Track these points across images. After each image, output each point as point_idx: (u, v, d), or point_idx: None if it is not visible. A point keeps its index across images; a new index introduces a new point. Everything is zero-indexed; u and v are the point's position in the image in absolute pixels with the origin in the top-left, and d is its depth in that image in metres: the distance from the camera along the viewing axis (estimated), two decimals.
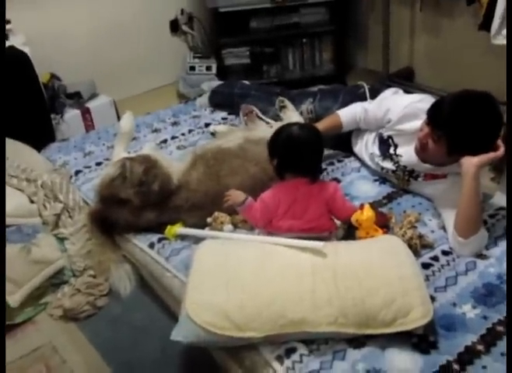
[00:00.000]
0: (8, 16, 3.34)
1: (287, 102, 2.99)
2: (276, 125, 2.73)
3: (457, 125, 2.09)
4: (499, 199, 2.47)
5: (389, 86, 3.48)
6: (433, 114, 2.18)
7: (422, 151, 2.31)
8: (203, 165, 2.49)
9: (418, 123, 2.29)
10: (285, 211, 2.11)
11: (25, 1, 3.69)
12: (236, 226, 2.37)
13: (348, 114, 2.70)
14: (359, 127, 2.72)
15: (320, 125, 2.62)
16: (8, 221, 2.45)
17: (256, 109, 3.06)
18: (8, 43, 3.32)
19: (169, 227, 2.35)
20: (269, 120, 3.00)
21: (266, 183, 2.33)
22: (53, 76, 3.86)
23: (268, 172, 2.32)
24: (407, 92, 2.85)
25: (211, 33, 4.61)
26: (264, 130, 2.76)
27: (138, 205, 2.40)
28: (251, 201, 2.18)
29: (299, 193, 2.11)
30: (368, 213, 2.15)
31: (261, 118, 2.99)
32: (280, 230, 2.10)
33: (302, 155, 2.10)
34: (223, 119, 3.39)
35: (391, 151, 2.53)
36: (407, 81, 4.18)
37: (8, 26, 3.41)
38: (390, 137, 2.54)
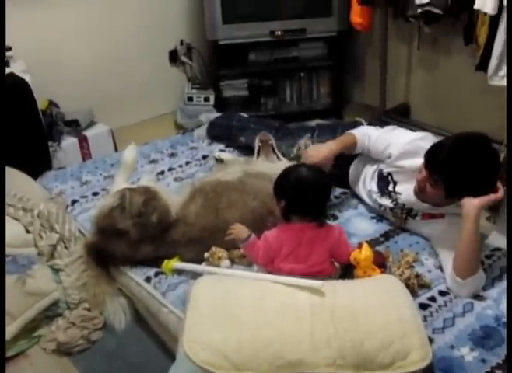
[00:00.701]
0: (8, 43, 3.35)
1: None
2: (284, 163, 2.74)
3: (454, 170, 2.10)
4: (495, 239, 2.48)
5: (385, 122, 3.54)
6: (430, 158, 2.19)
7: (420, 193, 2.33)
8: (201, 198, 2.49)
9: (418, 161, 2.30)
10: (287, 254, 2.11)
11: (26, 28, 3.71)
12: (233, 262, 2.36)
13: (361, 135, 2.67)
14: (363, 151, 2.71)
15: (337, 144, 2.62)
16: None
17: (273, 140, 2.96)
18: (8, 70, 3.33)
19: (166, 261, 2.35)
20: (281, 156, 2.95)
21: (266, 218, 2.34)
22: (51, 103, 3.87)
23: (268, 206, 2.32)
24: (405, 128, 2.88)
25: (209, 65, 4.65)
26: (264, 164, 2.78)
27: (136, 237, 2.39)
28: (254, 238, 2.18)
29: (304, 238, 2.10)
30: (366, 252, 2.16)
31: (274, 151, 2.94)
32: (281, 272, 2.10)
33: (311, 199, 2.10)
34: (221, 151, 3.40)
35: (390, 188, 2.55)
36: (403, 117, 4.22)
37: (8, 53, 3.42)
38: (389, 173, 2.55)
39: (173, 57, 4.64)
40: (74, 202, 2.94)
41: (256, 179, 2.54)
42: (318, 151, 2.59)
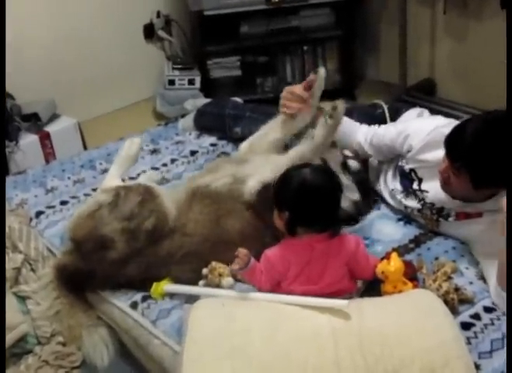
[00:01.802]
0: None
1: None
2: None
3: (478, 156, 2.10)
4: None
5: (407, 102, 3.54)
6: (450, 144, 2.20)
7: (445, 185, 2.34)
8: (198, 204, 2.50)
9: (443, 152, 2.31)
10: (296, 275, 2.10)
11: None
12: (236, 279, 2.36)
13: (347, 126, 2.71)
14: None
15: None
16: None
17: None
18: None
19: (155, 284, 2.34)
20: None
21: (262, 231, 2.36)
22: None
23: (263, 217, 2.33)
24: (428, 108, 2.89)
25: (193, 40, 4.65)
26: (257, 165, 2.77)
27: (123, 249, 2.37)
28: (254, 262, 2.15)
29: (314, 254, 2.09)
30: (396, 263, 2.15)
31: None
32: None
33: (319, 207, 2.07)
34: (212, 145, 3.40)
35: (415, 186, 2.55)
36: (427, 95, 4.23)
37: None
38: (412, 170, 2.56)
39: (149, 32, 4.64)
40: (39, 214, 2.93)
41: (244, 186, 2.52)
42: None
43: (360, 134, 2.73)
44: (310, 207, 2.07)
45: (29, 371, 2.36)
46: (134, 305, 2.35)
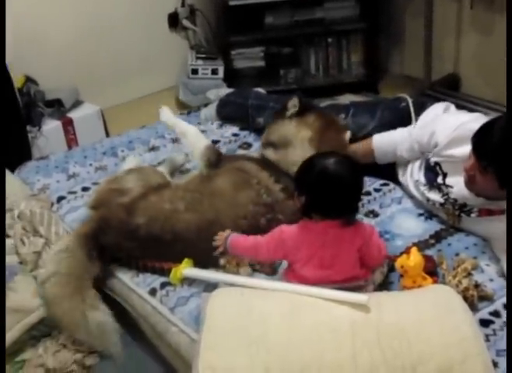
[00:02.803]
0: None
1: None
2: None
3: (506, 155, 2.08)
4: None
5: (431, 97, 3.51)
6: (477, 142, 2.18)
7: (470, 183, 2.32)
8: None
9: (470, 148, 2.29)
10: (309, 257, 2.10)
11: None
12: (254, 269, 2.37)
13: (384, 143, 2.73)
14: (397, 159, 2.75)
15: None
16: None
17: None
18: None
19: (174, 269, 2.35)
20: None
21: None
22: (28, 80, 3.89)
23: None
24: (454, 104, 2.87)
25: (217, 30, 4.65)
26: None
27: (138, 193, 2.53)
28: (236, 236, 2.23)
29: (327, 238, 2.09)
30: (416, 258, 2.15)
31: None
32: (307, 282, 2.09)
33: (338, 197, 2.07)
34: (234, 135, 3.40)
35: (439, 180, 2.54)
36: (452, 90, 4.20)
37: None
38: (437, 163, 2.54)
39: (174, 21, 4.64)
40: (60, 199, 2.95)
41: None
42: None
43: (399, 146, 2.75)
44: (327, 195, 2.07)
45: (47, 353, 2.38)
46: (152, 292, 2.36)
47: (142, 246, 2.45)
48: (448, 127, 2.48)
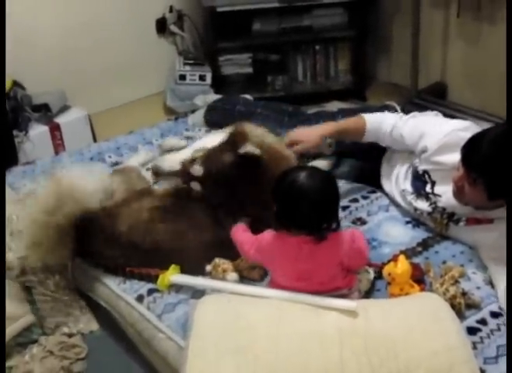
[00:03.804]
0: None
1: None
2: None
3: (496, 167, 2.08)
4: None
5: (417, 105, 3.53)
6: (466, 153, 2.18)
7: (459, 194, 2.32)
8: None
9: (459, 157, 2.30)
10: (283, 268, 2.10)
11: None
12: (241, 274, 2.37)
13: (375, 123, 2.69)
14: (378, 141, 2.73)
15: (333, 127, 2.70)
16: None
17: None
18: None
19: (161, 276, 2.35)
20: None
21: None
22: (15, 84, 3.87)
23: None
24: (438, 112, 2.88)
25: (205, 36, 4.65)
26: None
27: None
28: (241, 225, 2.30)
29: (302, 253, 2.04)
30: (403, 266, 2.15)
31: None
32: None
33: (301, 211, 2.01)
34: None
35: (428, 189, 2.54)
36: (438, 98, 4.22)
37: None
38: (426, 171, 2.54)
39: (161, 26, 4.64)
40: None
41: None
42: (307, 134, 2.63)
43: (386, 125, 2.70)
44: (292, 207, 2.03)
45: (34, 360, 2.38)
46: (140, 298, 2.36)
47: (126, 254, 2.45)
48: (439, 132, 2.47)
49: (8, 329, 2.38)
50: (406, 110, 2.98)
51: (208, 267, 2.37)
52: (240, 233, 2.29)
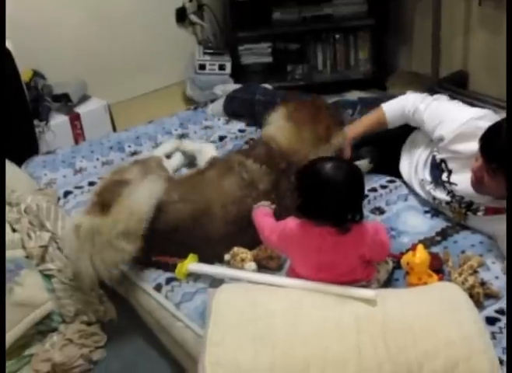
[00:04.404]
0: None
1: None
2: None
3: None
4: None
5: (439, 94, 3.49)
6: (486, 144, 2.17)
7: (477, 184, 2.31)
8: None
9: (476, 145, 2.28)
10: (304, 258, 2.10)
11: None
12: (260, 264, 2.37)
13: (394, 111, 2.72)
14: (407, 122, 2.75)
15: (363, 123, 2.76)
16: None
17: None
18: None
19: (179, 264, 2.36)
20: None
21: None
22: (36, 74, 3.89)
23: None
24: (460, 100, 2.86)
25: (225, 25, 4.64)
26: None
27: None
28: (262, 207, 2.34)
29: (325, 244, 2.04)
30: (422, 255, 2.16)
31: None
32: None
33: (326, 202, 2.01)
34: (241, 131, 3.40)
35: (444, 177, 2.53)
36: (460, 87, 4.19)
37: None
38: (443, 160, 2.54)
39: (181, 16, 4.64)
40: (67, 194, 2.96)
41: None
42: None
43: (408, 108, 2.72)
44: (317, 198, 2.02)
45: (54, 348, 2.39)
46: (158, 287, 2.37)
47: (143, 238, 2.44)
48: (456, 121, 2.47)
49: (29, 316, 2.41)
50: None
51: (227, 256, 2.39)
52: (262, 217, 2.30)
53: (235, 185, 2.52)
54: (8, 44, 3.37)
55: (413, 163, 2.75)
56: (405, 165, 2.82)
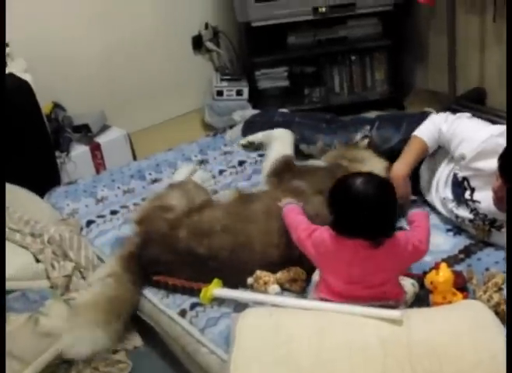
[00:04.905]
0: (5, 38, 3.39)
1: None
2: None
3: None
4: None
5: (457, 111, 3.49)
6: (503, 163, 2.16)
7: (499, 203, 2.30)
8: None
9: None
10: (335, 269, 2.10)
11: (24, 21, 3.78)
12: (283, 287, 2.37)
13: (432, 133, 2.70)
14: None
15: (409, 158, 2.70)
16: (10, 285, 2.46)
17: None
18: (6, 70, 3.38)
19: (204, 289, 2.36)
20: None
21: None
22: (56, 106, 3.93)
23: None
24: (478, 118, 2.85)
25: (241, 51, 4.67)
26: None
27: (177, 212, 2.59)
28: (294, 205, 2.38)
29: (357, 257, 2.05)
30: (445, 274, 2.14)
31: None
32: (333, 290, 2.11)
33: (358, 219, 2.02)
34: (260, 155, 3.39)
35: (467, 195, 2.52)
36: (478, 104, 4.18)
37: (6, 50, 3.48)
38: (465, 178, 2.53)
39: (197, 43, 4.67)
40: (89, 223, 2.98)
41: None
42: (396, 184, 2.48)
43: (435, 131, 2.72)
44: (350, 214, 2.03)
45: None
46: (182, 313, 2.37)
47: (179, 260, 2.48)
48: (477, 139, 2.47)
49: (55, 345, 2.41)
50: None
51: (250, 280, 2.38)
52: (295, 215, 2.32)
53: (283, 229, 2.41)
54: (28, 78, 3.42)
55: (433, 182, 2.75)
56: (425, 184, 2.80)
